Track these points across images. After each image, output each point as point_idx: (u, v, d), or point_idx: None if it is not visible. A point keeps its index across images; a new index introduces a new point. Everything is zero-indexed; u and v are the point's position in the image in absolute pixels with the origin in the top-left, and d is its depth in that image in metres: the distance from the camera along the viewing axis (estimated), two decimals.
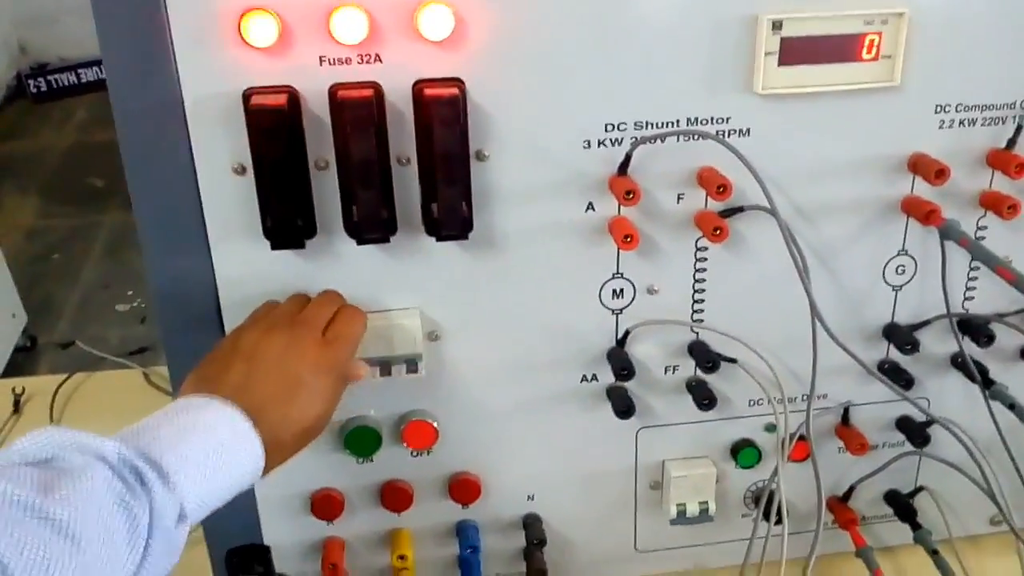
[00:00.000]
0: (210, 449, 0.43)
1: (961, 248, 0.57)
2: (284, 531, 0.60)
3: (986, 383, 0.60)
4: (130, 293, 2.13)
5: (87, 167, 2.71)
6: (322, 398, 0.49)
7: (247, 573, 0.55)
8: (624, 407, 0.58)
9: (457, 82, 0.50)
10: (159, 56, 0.48)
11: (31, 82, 3.16)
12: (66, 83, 3.17)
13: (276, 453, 0.46)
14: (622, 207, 0.54)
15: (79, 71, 3.15)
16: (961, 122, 0.55)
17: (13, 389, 0.85)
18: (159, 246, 0.52)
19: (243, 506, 0.59)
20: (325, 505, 0.59)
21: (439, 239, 0.52)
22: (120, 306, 2.08)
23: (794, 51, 0.51)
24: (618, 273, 0.57)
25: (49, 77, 3.16)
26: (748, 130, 0.54)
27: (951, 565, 0.62)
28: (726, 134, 0.53)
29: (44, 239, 2.44)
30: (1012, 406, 0.59)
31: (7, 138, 3.00)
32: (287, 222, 0.51)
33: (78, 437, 0.40)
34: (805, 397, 0.62)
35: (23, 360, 1.98)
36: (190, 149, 0.50)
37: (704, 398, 0.58)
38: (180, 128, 0.49)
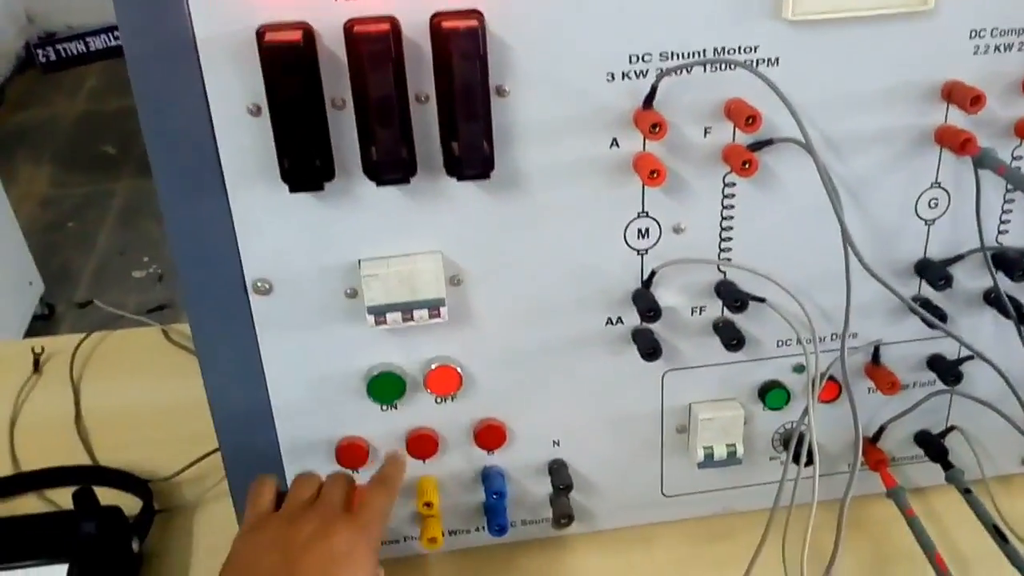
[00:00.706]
0: None
1: (994, 180, 0.56)
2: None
3: (1021, 318, 0.59)
4: (146, 259, 2.13)
5: (99, 135, 2.71)
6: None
7: None
8: (650, 349, 0.57)
9: (476, 13, 0.48)
10: None
11: (40, 52, 3.14)
12: (75, 52, 3.15)
13: None
14: (648, 142, 0.53)
15: (87, 39, 3.12)
16: (996, 47, 0.53)
17: (32, 349, 0.85)
18: (175, 192, 0.51)
19: (267, 453, 0.58)
20: (350, 453, 0.59)
21: (460, 179, 0.51)
22: (136, 272, 2.08)
23: None
24: (643, 212, 0.55)
25: (58, 46, 3.14)
26: (777, 59, 0.52)
27: (984, 504, 0.61)
28: (755, 63, 0.52)
29: (59, 207, 2.44)
30: None
31: (19, 108, 2.99)
32: (305, 164, 0.50)
33: None
34: (835, 336, 0.61)
35: (42, 328, 1.99)
36: (204, 90, 0.49)
37: (732, 339, 0.57)
38: (193, 68, 0.48)
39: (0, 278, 1.88)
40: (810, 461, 0.62)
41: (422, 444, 0.59)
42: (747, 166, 0.52)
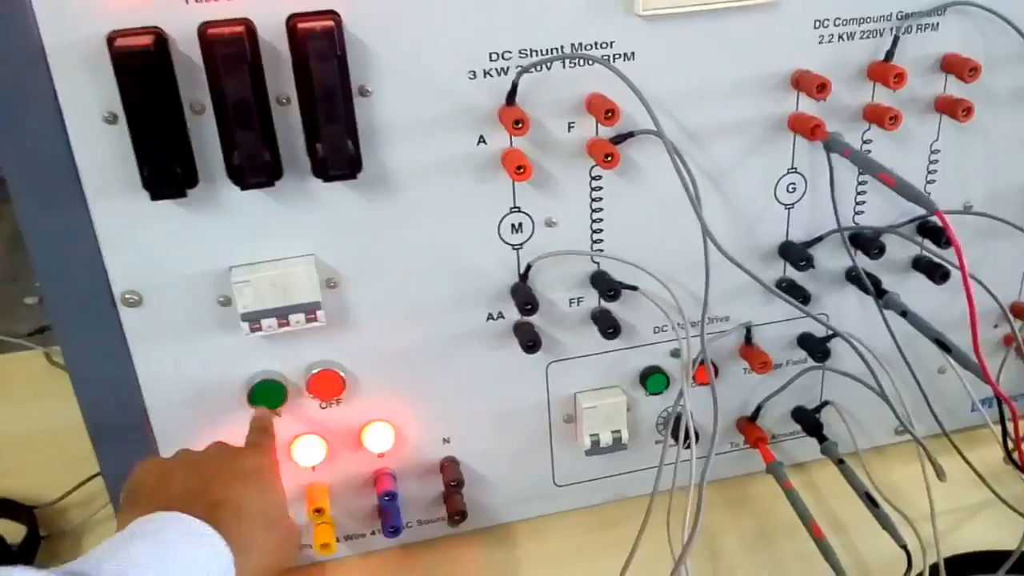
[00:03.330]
0: (158, 550, 0.41)
1: (849, 164, 0.59)
2: None
3: (879, 294, 0.62)
4: (38, 284, 2.05)
5: None
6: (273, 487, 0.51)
7: None
8: (530, 342, 0.58)
9: (332, 14, 0.48)
10: (13, 0, 0.45)
11: None
12: None
13: (244, 553, 0.45)
14: (513, 138, 0.54)
15: None
16: (840, 36, 0.56)
17: None
18: (33, 205, 0.50)
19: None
20: None
21: (326, 180, 0.51)
22: (29, 299, 2.00)
23: None
24: (515, 207, 0.56)
25: None
26: (633, 54, 0.54)
27: (857, 473, 0.64)
28: (611, 58, 0.53)
29: None
30: (904, 313, 0.61)
31: None
32: (165, 171, 0.49)
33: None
34: (708, 320, 0.63)
35: None
36: (56, 99, 0.48)
37: (608, 327, 0.59)
38: (43, 77, 0.47)
39: None
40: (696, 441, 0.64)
41: (308, 450, 0.59)
42: (609, 159, 0.53)
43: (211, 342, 0.55)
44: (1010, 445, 0.58)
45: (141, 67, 0.46)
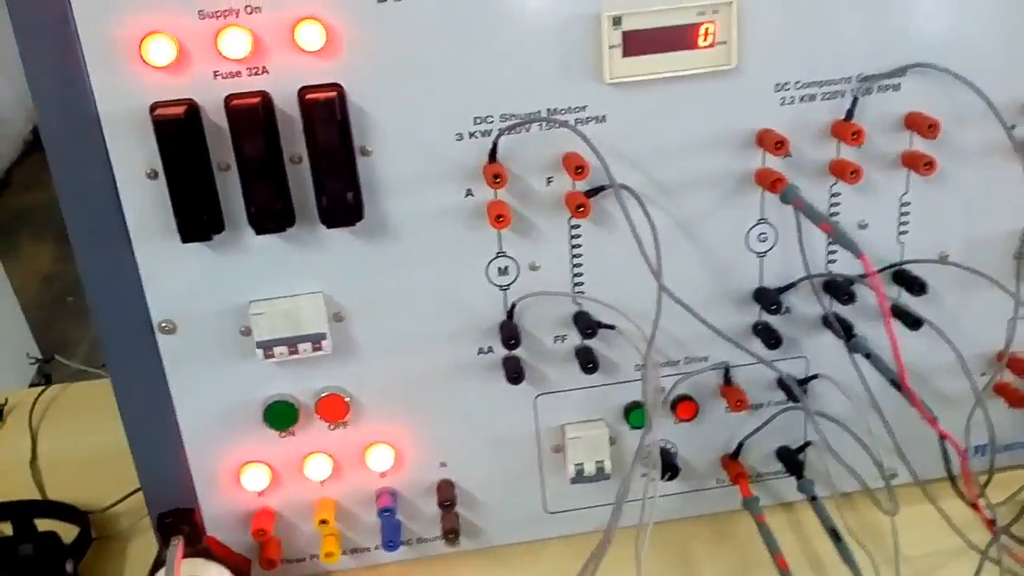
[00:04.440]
0: None
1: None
2: (219, 501, 0.66)
3: (851, 338, 0.65)
4: None
5: None
6: None
7: (176, 534, 0.61)
8: (515, 374, 0.64)
9: (335, 87, 0.57)
10: (75, 78, 0.55)
11: None
12: None
13: None
14: (496, 191, 0.61)
15: None
16: (802, 98, 0.61)
17: None
18: (87, 247, 0.59)
19: (178, 475, 0.65)
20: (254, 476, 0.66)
21: (328, 227, 0.59)
22: None
23: (636, 43, 0.58)
24: (501, 252, 0.63)
25: None
26: (604, 116, 0.60)
27: (832, 514, 0.66)
28: (584, 121, 0.60)
29: (59, 283, 2.55)
30: (868, 355, 0.64)
31: (25, 190, 3.14)
32: (194, 218, 0.58)
33: None
34: (687, 359, 0.67)
35: None
36: (108, 158, 0.57)
37: (588, 363, 0.64)
38: (98, 140, 0.57)
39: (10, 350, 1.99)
40: (672, 477, 0.69)
41: (318, 467, 0.66)
42: (581, 209, 0.59)
43: (234, 367, 0.63)
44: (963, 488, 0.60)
45: (176, 132, 0.56)
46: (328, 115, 0.56)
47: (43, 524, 0.73)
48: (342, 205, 0.58)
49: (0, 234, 2.81)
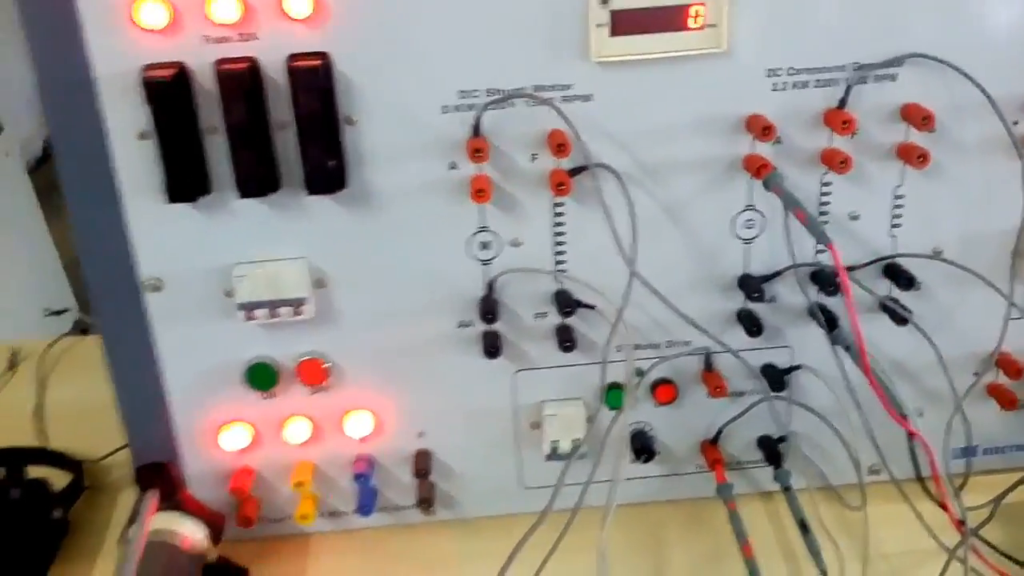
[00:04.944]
0: None
1: (808, 202, 0.63)
2: (200, 458, 0.68)
3: (832, 329, 0.64)
4: None
5: None
6: None
7: (152, 487, 0.63)
8: (492, 349, 0.64)
9: (321, 55, 0.57)
10: (72, 39, 0.56)
11: None
12: None
13: None
14: (480, 165, 0.61)
15: None
16: (794, 84, 0.60)
17: (11, 349, 0.96)
18: (81, 203, 0.61)
19: (161, 430, 0.67)
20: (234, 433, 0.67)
21: (310, 193, 0.59)
22: None
23: (624, 22, 0.57)
24: (484, 227, 0.63)
25: None
26: (590, 96, 0.60)
27: (807, 506, 0.66)
28: (571, 99, 0.60)
29: None
30: (847, 347, 0.63)
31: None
32: (180, 180, 0.59)
33: None
34: (668, 343, 0.67)
35: None
36: (102, 119, 0.58)
37: (566, 341, 0.64)
38: (93, 101, 0.58)
39: (37, 303, 2.04)
40: (649, 459, 0.69)
41: (298, 429, 0.67)
42: (562, 187, 0.59)
43: (218, 327, 0.64)
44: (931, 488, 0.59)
45: (165, 93, 0.57)
46: (313, 83, 0.57)
47: (39, 471, 0.76)
48: (325, 173, 0.59)
49: (44, 197, 2.89)
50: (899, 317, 0.64)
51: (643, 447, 0.68)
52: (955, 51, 0.59)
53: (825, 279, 0.64)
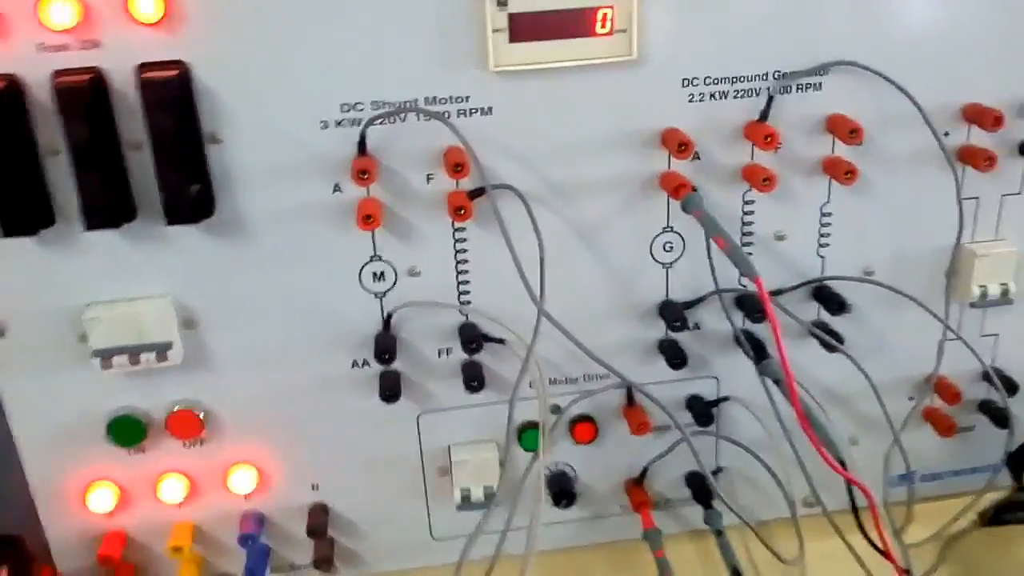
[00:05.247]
0: None
1: (732, 224, 0.58)
2: (63, 524, 0.60)
3: (761, 357, 0.60)
4: None
5: None
6: None
7: (2, 564, 0.54)
8: (389, 392, 0.57)
9: (177, 64, 0.50)
10: None
11: None
12: None
13: None
14: (367, 188, 0.54)
15: None
16: (712, 95, 0.55)
17: None
18: None
19: (16, 497, 0.58)
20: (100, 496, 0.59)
21: (170, 223, 0.52)
22: None
23: (524, 27, 0.51)
24: (376, 255, 0.56)
25: None
26: (490, 108, 0.53)
27: (739, 546, 0.61)
28: (467, 112, 0.53)
29: None
30: (777, 381, 0.58)
31: None
32: (17, 210, 0.51)
33: None
34: (586, 377, 0.61)
35: None
36: None
37: (472, 380, 0.58)
38: None
39: None
40: (569, 504, 0.63)
41: (172, 489, 0.60)
42: (462, 212, 0.53)
43: (71, 376, 0.56)
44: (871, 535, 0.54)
45: None
46: (168, 96, 0.49)
47: None
48: (187, 199, 0.51)
49: None
50: (827, 344, 0.59)
51: (562, 491, 0.62)
52: (883, 59, 0.55)
53: (751, 305, 0.59)
